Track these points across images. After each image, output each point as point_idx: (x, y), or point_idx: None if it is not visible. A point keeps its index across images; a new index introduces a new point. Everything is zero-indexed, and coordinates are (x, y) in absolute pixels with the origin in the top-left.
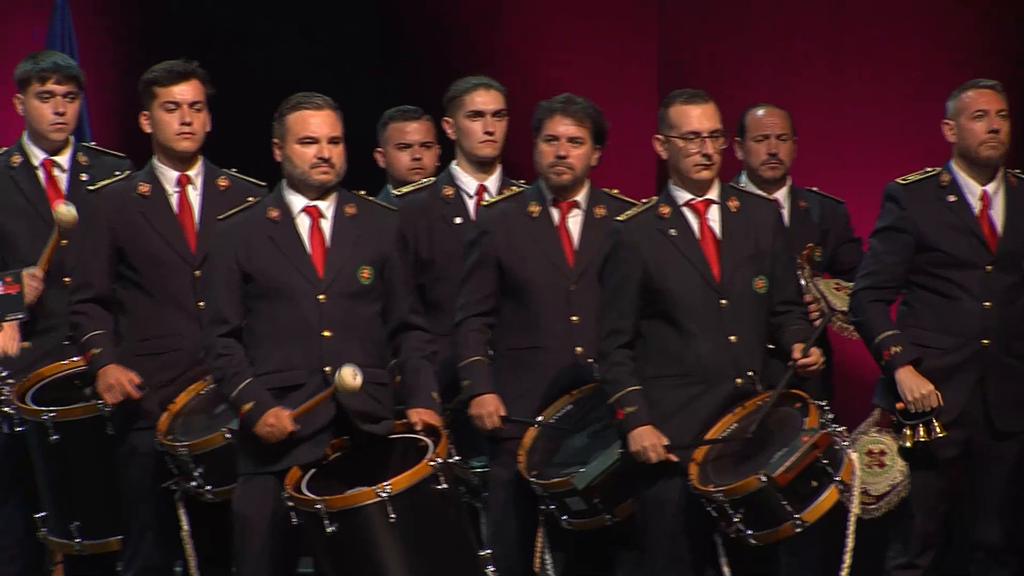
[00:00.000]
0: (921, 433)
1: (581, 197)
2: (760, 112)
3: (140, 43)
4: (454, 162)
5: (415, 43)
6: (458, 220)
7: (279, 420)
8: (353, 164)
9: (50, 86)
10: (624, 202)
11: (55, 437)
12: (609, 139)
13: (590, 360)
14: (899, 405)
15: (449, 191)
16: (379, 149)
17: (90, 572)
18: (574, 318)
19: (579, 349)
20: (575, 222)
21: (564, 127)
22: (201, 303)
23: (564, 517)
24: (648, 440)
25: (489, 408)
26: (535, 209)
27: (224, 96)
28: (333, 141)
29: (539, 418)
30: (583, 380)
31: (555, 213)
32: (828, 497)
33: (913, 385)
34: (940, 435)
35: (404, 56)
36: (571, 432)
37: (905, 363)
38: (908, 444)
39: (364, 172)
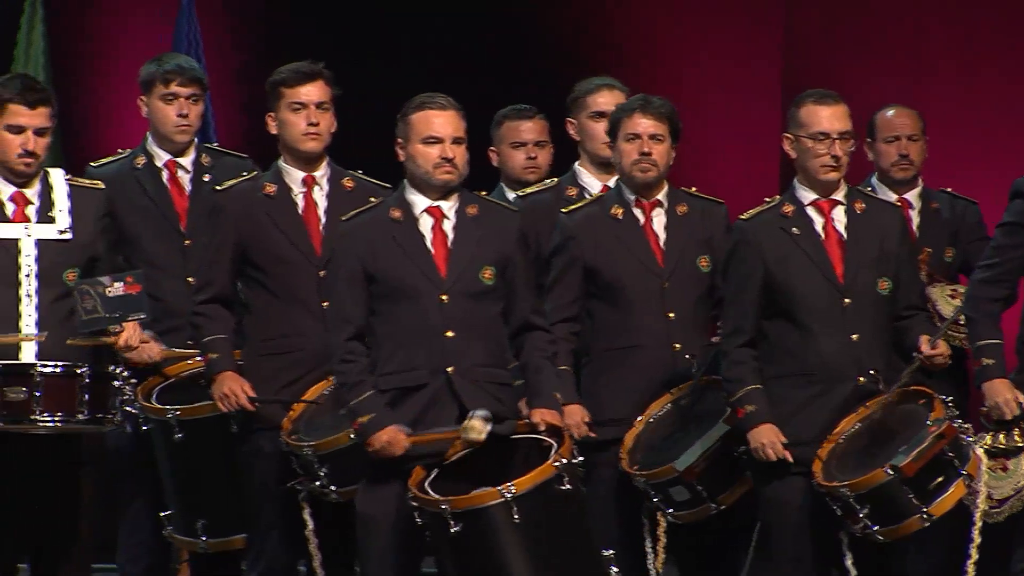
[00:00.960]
0: (1001, 440)
1: (663, 196)
2: (890, 113)
3: (265, 45)
4: (577, 163)
5: (535, 44)
6: None
7: (394, 443)
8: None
9: (174, 88)
10: (704, 199)
11: (179, 435)
12: (733, 138)
13: (688, 356)
14: (982, 410)
15: (572, 192)
16: (493, 148)
17: (215, 570)
18: (670, 315)
19: (676, 346)
20: (659, 221)
21: (644, 125)
22: (325, 303)
23: (669, 510)
24: (767, 437)
25: (576, 418)
26: (618, 211)
27: (349, 97)
28: (456, 141)
29: (641, 417)
30: (682, 377)
31: (639, 213)
32: (955, 491)
33: (993, 393)
34: (1018, 443)
35: (524, 57)
36: (672, 428)
37: (994, 376)
38: (983, 447)
39: (478, 172)
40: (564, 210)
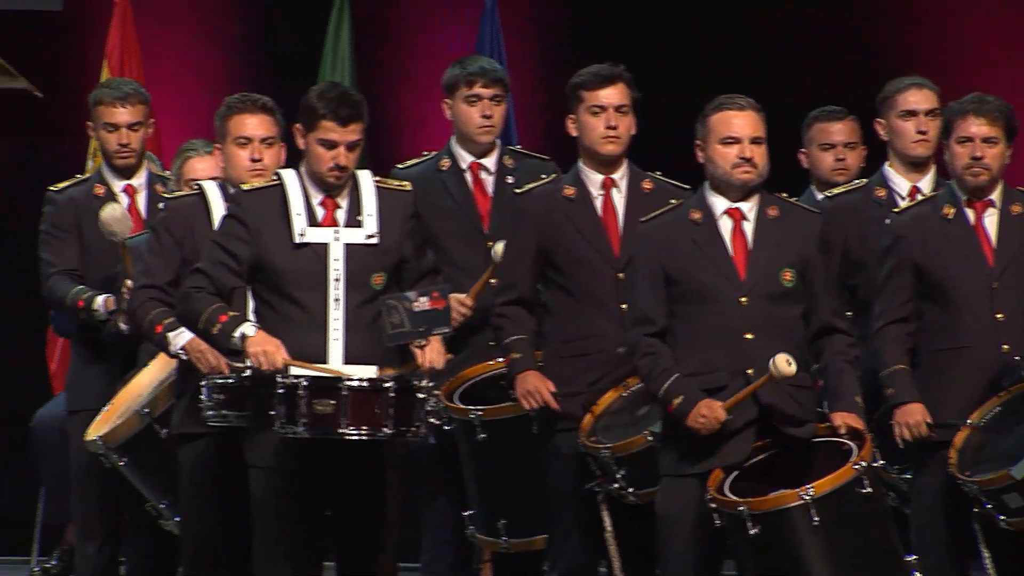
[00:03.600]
0: None
1: (996, 196)
2: None
3: (566, 47)
4: (886, 163)
5: (840, 44)
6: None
7: (712, 411)
8: (775, 166)
9: (477, 90)
10: None
11: (482, 436)
12: None
13: (1017, 358)
14: None
15: (881, 192)
16: (803, 150)
17: (517, 569)
18: (999, 316)
19: (1006, 347)
20: (991, 221)
21: (977, 127)
22: (624, 305)
23: (1001, 517)
24: None
25: (916, 417)
26: (949, 211)
27: (650, 99)
28: (755, 141)
29: (969, 421)
30: (1011, 380)
31: (970, 214)
32: None
33: None
34: None
35: (828, 57)
36: (1002, 432)
37: None
38: None
39: (787, 174)
40: (895, 210)
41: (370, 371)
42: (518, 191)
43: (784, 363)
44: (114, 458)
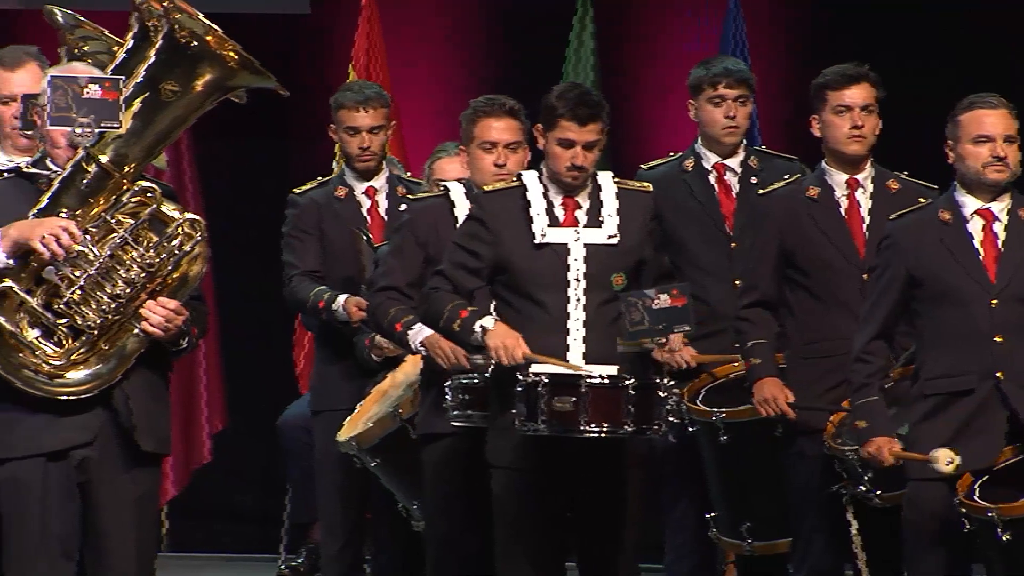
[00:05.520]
0: None
1: None
2: None
3: (810, 46)
4: None
5: None
6: None
7: (880, 452)
8: None
9: (721, 91)
10: None
11: (725, 438)
12: None
13: None
14: None
15: None
16: None
17: (761, 572)
18: None
19: None
20: None
21: None
22: None
23: None
24: None
25: None
26: None
27: (896, 98)
28: (1008, 140)
29: None
30: None
31: None
32: None
33: None
34: None
35: None
36: None
37: None
38: None
39: None
40: None
41: (611, 370)
42: (761, 192)
43: (943, 461)
44: (366, 459)
